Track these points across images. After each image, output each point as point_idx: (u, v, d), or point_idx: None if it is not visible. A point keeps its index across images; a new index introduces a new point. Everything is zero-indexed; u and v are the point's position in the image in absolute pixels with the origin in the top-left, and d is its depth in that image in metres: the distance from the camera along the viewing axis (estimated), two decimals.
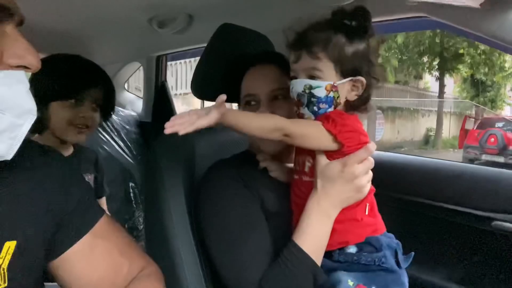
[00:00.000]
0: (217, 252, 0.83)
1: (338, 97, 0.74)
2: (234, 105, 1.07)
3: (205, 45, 1.67)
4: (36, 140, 1.16)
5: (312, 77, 0.74)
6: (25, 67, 0.49)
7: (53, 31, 1.54)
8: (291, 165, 0.90)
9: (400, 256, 0.77)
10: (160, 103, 1.99)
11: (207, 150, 1.08)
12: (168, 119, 1.78)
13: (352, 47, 0.74)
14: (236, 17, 1.35)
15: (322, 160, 0.76)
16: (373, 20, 1.07)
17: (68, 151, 1.30)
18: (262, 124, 0.71)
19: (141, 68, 2.03)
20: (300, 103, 0.75)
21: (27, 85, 0.49)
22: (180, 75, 7.93)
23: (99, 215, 0.66)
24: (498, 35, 0.86)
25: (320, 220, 0.76)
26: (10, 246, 0.53)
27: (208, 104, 1.28)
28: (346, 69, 0.74)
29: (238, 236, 0.81)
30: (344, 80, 0.74)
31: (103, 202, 1.47)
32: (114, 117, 1.96)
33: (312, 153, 0.79)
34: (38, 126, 1.16)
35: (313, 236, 0.76)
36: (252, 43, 1.06)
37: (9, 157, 0.49)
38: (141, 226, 1.86)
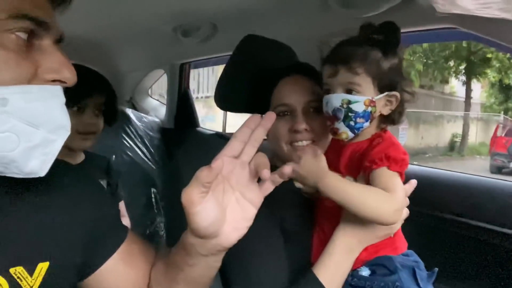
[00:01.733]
0: (231, 269, 0.82)
1: (375, 111, 0.74)
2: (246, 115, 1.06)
3: (228, 53, 1.68)
4: None
5: (349, 92, 0.73)
6: (61, 81, 0.49)
7: (79, 38, 1.57)
8: None
9: (420, 275, 0.73)
10: (182, 110, 2.01)
11: None
12: (190, 126, 1.85)
13: (387, 62, 0.74)
14: (259, 26, 1.35)
15: (323, 174, 0.71)
16: (403, 30, 1.06)
17: (79, 159, 1.32)
18: (362, 196, 0.68)
19: (165, 75, 2.06)
20: (335, 117, 0.74)
21: (63, 100, 0.49)
22: (202, 78, 8.01)
23: (126, 230, 0.67)
24: None
25: (343, 255, 0.73)
26: (42, 267, 0.53)
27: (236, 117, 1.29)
28: (383, 84, 0.74)
29: (254, 255, 0.79)
30: (381, 95, 0.74)
31: (121, 206, 1.48)
32: (138, 123, 1.99)
33: (343, 174, 0.77)
34: None
35: (333, 270, 0.73)
36: (276, 54, 1.06)
37: (42, 173, 0.48)
38: (162, 232, 1.87)
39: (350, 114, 0.73)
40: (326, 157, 0.82)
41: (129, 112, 2.00)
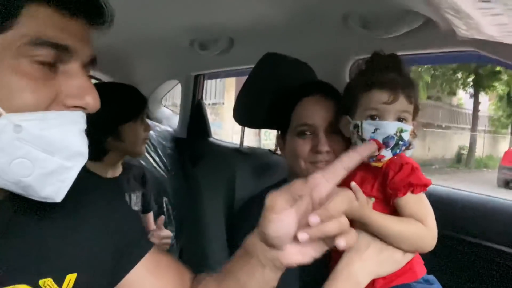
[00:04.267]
0: None
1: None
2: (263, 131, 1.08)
3: (243, 67, 1.71)
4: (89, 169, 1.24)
5: (400, 120, 0.74)
6: (82, 108, 0.48)
7: (96, 48, 1.61)
8: None
9: None
10: (195, 120, 2.03)
11: (247, 171, 1.09)
12: (203, 136, 1.85)
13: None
14: (276, 42, 1.37)
15: (367, 212, 0.70)
16: (421, 52, 1.07)
17: (118, 171, 1.36)
18: (404, 232, 0.70)
19: (179, 85, 2.08)
20: (383, 145, 0.72)
21: (82, 126, 0.48)
22: (210, 85, 8.05)
23: (151, 244, 0.67)
24: None
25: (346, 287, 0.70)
26: (71, 279, 0.54)
27: (248, 130, 1.31)
28: (416, 113, 0.77)
29: None
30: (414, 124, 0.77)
31: (149, 216, 1.50)
32: (151, 132, 2.01)
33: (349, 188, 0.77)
34: (99, 154, 1.25)
35: None
36: (296, 72, 1.07)
37: (58, 199, 0.48)
38: (173, 241, 1.88)
39: (400, 142, 0.72)
40: None
41: None
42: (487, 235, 1.02)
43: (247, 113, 1.10)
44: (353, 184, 0.71)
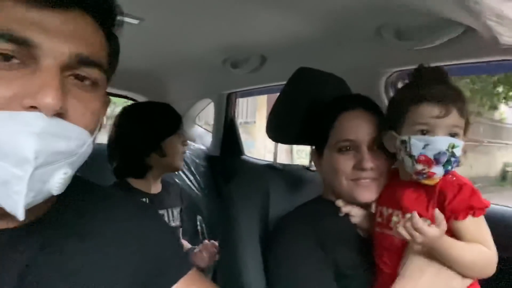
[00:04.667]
0: None
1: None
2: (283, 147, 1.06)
3: (276, 84, 1.71)
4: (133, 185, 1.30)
5: (452, 135, 0.71)
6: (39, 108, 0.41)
7: (130, 69, 1.66)
8: (372, 210, 0.86)
9: None
10: (228, 138, 2.04)
11: (281, 188, 1.07)
12: (236, 154, 1.85)
13: None
14: (308, 57, 1.36)
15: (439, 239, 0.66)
16: (462, 62, 1.03)
17: (159, 187, 1.40)
18: (475, 259, 0.68)
19: (212, 103, 2.11)
20: (434, 161, 0.69)
21: (35, 129, 0.40)
22: (241, 104, 8.15)
23: (190, 266, 0.65)
24: None
25: None
26: None
27: (281, 146, 1.30)
28: (467, 128, 0.74)
29: None
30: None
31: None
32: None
33: (399, 206, 0.74)
34: (143, 171, 1.31)
35: None
36: (330, 86, 1.05)
37: (19, 216, 0.41)
38: None
39: (452, 159, 0.69)
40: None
41: None
42: None
43: (280, 129, 1.09)
44: (437, 212, 0.67)
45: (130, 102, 1.94)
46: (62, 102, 0.41)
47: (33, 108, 0.40)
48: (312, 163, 1.03)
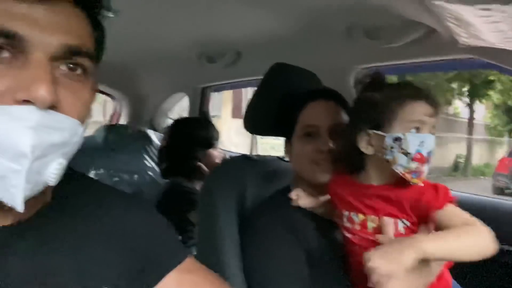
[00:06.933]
0: None
1: None
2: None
3: (250, 78, 1.76)
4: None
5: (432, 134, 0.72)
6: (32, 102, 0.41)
7: (104, 62, 1.65)
8: (325, 197, 0.89)
9: None
10: None
11: (257, 178, 1.12)
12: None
13: None
14: (282, 53, 1.42)
15: (423, 244, 0.63)
16: (423, 60, 1.11)
17: (199, 185, 1.54)
18: (475, 238, 0.65)
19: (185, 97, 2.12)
20: (426, 159, 0.69)
21: (30, 123, 0.40)
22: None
23: (186, 253, 0.65)
24: None
25: None
26: None
27: (258, 138, 1.35)
28: None
29: (278, 285, 0.81)
30: None
31: None
32: (158, 143, 2.05)
33: (374, 211, 0.75)
34: (190, 172, 1.55)
35: None
36: (304, 81, 1.11)
37: (19, 208, 0.42)
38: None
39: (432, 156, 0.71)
40: (332, 190, 0.84)
41: (150, 133, 2.05)
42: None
43: (257, 121, 1.13)
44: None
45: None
46: (54, 94, 0.41)
47: (26, 102, 0.40)
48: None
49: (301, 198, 0.90)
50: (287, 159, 1.07)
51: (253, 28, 1.29)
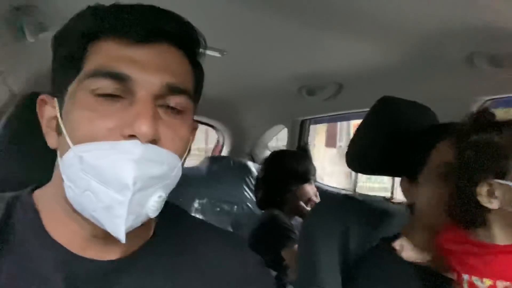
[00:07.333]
0: None
1: None
2: None
3: (351, 111, 1.69)
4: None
5: None
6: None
7: (209, 97, 1.73)
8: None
9: None
10: None
11: (361, 221, 1.04)
12: None
13: None
14: (389, 86, 1.33)
15: None
16: None
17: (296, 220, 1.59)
18: None
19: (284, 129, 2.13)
20: None
21: (133, 156, 0.43)
22: None
23: None
24: None
25: None
26: None
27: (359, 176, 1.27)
28: None
29: None
30: None
31: None
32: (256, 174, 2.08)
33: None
34: (279, 203, 1.54)
35: None
36: (417, 115, 1.01)
37: (121, 238, 0.44)
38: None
39: None
40: (445, 247, 0.73)
41: (250, 164, 2.10)
42: None
43: (361, 158, 1.06)
44: None
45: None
46: (156, 130, 0.44)
47: (131, 136, 0.43)
48: (393, 195, 0.99)
49: (405, 250, 0.81)
50: (395, 200, 0.98)
51: (356, 60, 1.24)
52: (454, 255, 0.71)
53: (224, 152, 2.42)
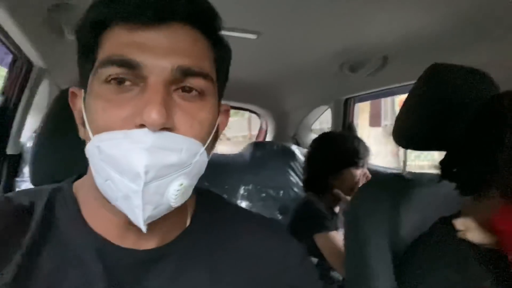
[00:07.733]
0: None
1: None
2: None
3: (397, 85, 1.59)
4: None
5: None
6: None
7: (248, 82, 1.71)
8: None
9: None
10: None
11: (413, 203, 0.97)
12: None
13: None
14: (437, 54, 1.23)
15: None
16: None
17: (337, 209, 1.53)
18: None
19: (328, 110, 2.07)
20: None
21: (144, 145, 0.41)
22: None
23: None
24: None
25: None
26: None
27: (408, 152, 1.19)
28: None
29: None
30: None
31: None
32: (302, 158, 2.04)
33: None
34: (322, 189, 1.49)
35: None
36: (472, 82, 0.92)
37: (143, 228, 0.44)
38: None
39: None
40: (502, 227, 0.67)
41: (294, 148, 2.06)
42: None
43: (410, 132, 0.99)
44: None
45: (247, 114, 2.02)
46: (167, 116, 0.42)
47: (142, 125, 0.42)
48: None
49: (470, 230, 0.74)
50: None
51: (400, 29, 1.15)
52: (509, 235, 0.65)
53: (268, 138, 2.40)
